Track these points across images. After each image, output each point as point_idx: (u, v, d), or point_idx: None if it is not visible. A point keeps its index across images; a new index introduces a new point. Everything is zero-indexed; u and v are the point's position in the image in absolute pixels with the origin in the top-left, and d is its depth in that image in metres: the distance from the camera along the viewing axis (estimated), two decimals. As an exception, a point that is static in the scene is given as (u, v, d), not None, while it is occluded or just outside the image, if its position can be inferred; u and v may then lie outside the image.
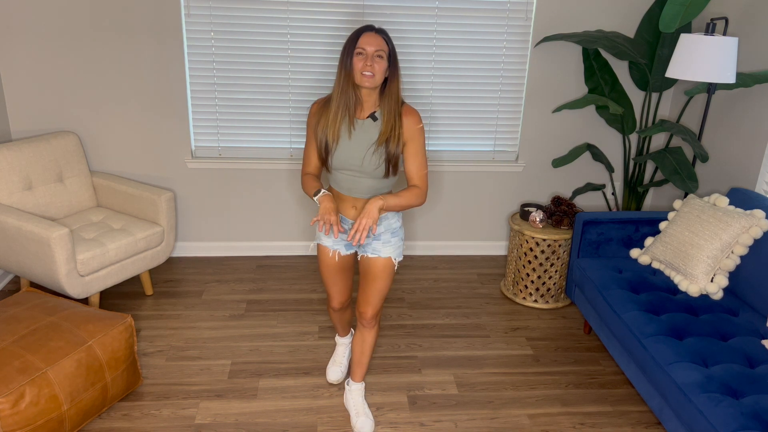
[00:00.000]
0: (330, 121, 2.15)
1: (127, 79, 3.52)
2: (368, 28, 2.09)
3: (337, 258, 2.39)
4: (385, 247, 2.30)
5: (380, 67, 2.07)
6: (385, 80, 2.14)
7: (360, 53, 2.07)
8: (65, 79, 3.48)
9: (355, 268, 2.64)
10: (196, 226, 3.90)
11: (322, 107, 2.21)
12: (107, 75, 3.50)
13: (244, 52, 3.54)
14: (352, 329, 2.89)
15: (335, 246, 2.37)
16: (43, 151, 3.25)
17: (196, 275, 3.71)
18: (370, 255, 2.32)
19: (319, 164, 2.31)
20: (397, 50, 3.61)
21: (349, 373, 2.84)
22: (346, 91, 2.11)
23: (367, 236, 2.29)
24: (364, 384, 2.59)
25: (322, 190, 2.21)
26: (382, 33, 2.09)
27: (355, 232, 2.08)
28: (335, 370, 2.77)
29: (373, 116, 2.16)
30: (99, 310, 2.59)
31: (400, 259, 2.37)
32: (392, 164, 2.17)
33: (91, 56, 3.46)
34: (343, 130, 2.15)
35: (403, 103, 2.18)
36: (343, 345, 2.83)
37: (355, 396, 2.54)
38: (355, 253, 2.46)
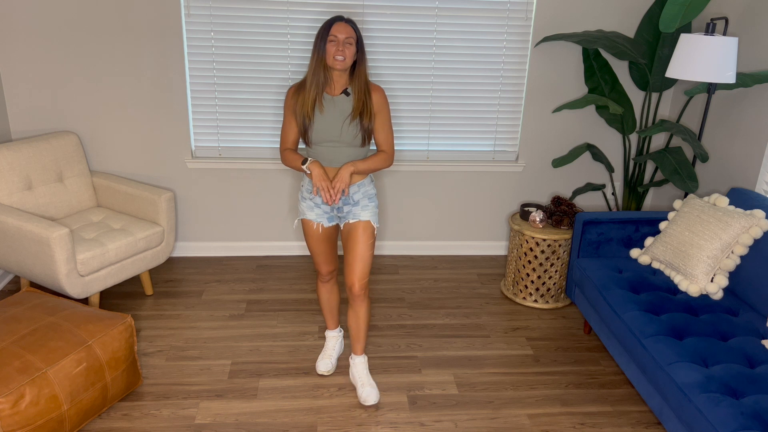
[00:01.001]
0: (307, 100, 2.39)
1: (127, 79, 3.53)
2: (339, 19, 2.36)
3: (320, 230, 2.58)
4: (363, 211, 2.51)
5: (350, 52, 2.35)
6: (355, 63, 2.41)
7: (332, 40, 2.33)
8: (65, 79, 3.48)
9: (338, 242, 2.88)
10: (196, 226, 3.90)
11: (297, 90, 2.44)
12: (107, 75, 3.50)
13: (244, 52, 3.54)
14: (341, 326, 3.00)
15: (318, 219, 2.56)
16: (43, 151, 3.25)
17: (196, 275, 3.71)
18: (350, 221, 2.52)
19: (296, 140, 2.54)
20: (398, 50, 3.62)
21: (351, 349, 2.87)
22: (318, 72, 2.37)
23: (346, 202, 2.50)
24: (366, 357, 2.73)
25: (309, 158, 2.44)
26: (350, 23, 2.36)
27: (330, 193, 2.38)
28: (326, 362, 2.84)
29: (346, 92, 2.42)
30: (99, 310, 2.59)
31: (378, 225, 2.58)
32: (367, 134, 2.43)
33: (91, 56, 3.46)
34: (319, 106, 2.40)
35: (369, 82, 2.45)
36: (333, 338, 2.90)
37: (359, 368, 2.68)
38: (337, 226, 2.63)
